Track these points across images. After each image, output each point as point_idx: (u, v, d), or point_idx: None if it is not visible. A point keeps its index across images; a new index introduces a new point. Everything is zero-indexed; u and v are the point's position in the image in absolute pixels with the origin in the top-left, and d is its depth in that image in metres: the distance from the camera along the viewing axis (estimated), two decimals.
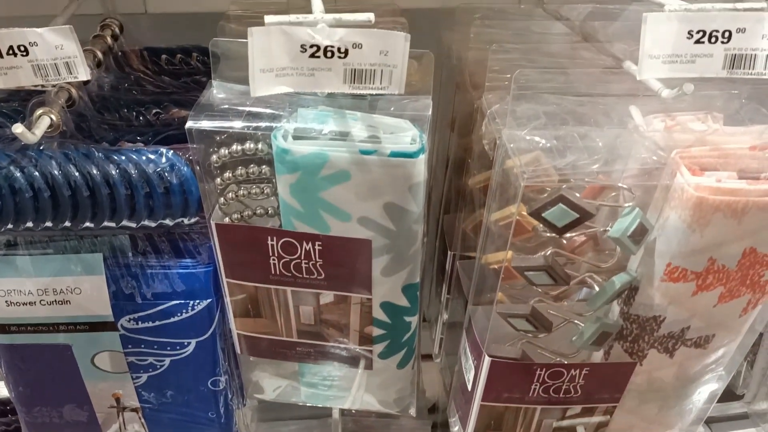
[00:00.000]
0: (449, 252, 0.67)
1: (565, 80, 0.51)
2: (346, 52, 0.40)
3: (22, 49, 0.45)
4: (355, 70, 0.41)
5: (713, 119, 0.54)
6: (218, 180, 0.50)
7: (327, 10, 0.67)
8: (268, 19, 0.39)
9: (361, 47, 0.40)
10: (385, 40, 0.40)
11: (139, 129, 0.58)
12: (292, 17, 0.39)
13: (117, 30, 0.66)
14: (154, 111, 0.60)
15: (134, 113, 0.60)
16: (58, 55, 0.45)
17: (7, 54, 0.45)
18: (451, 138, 0.72)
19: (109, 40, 0.64)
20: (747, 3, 0.40)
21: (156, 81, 0.67)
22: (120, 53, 0.68)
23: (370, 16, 0.39)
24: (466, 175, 0.65)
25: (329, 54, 0.40)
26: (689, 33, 0.41)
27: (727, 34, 0.41)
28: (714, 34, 0.41)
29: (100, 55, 0.61)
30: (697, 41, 0.41)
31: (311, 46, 0.40)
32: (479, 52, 0.62)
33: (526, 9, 0.68)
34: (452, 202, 0.70)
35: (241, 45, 0.44)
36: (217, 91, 0.50)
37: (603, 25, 0.61)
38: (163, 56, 0.69)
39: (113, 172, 0.52)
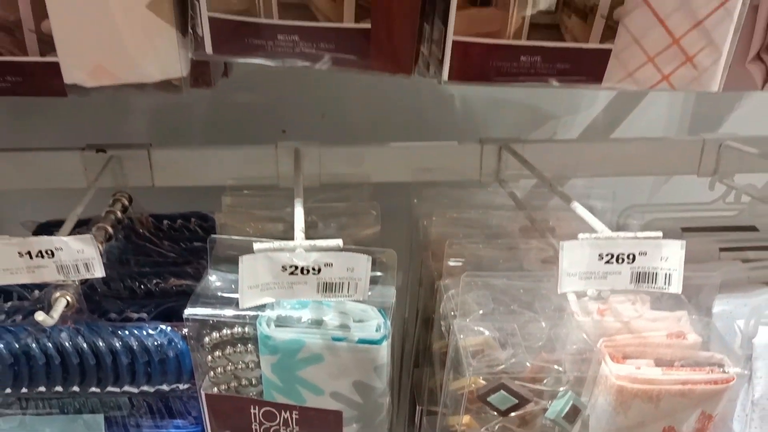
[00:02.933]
0: (418, 406, 0.73)
1: (513, 270, 0.60)
2: (319, 269, 0.49)
3: (50, 252, 0.53)
4: (326, 283, 0.49)
5: (641, 301, 0.62)
6: (209, 357, 0.58)
7: (310, 188, 0.77)
8: (256, 246, 0.48)
9: (332, 266, 0.49)
10: (350, 260, 0.49)
11: (142, 301, 0.66)
12: (276, 244, 0.48)
13: (126, 202, 0.76)
14: (154, 281, 0.68)
15: (137, 283, 0.68)
16: (79, 257, 0.54)
17: (36, 256, 0.53)
18: (420, 292, 0.81)
19: (119, 213, 0.73)
20: (646, 233, 0.50)
21: (159, 246, 0.76)
22: (128, 219, 0.77)
23: (339, 243, 0.48)
24: (431, 333, 0.73)
25: (305, 272, 0.49)
26: (600, 255, 0.50)
27: (631, 257, 0.50)
28: (621, 256, 0.50)
29: (110, 230, 0.70)
30: (607, 262, 0.50)
31: (290, 266, 0.48)
32: (441, 228, 0.71)
33: (485, 185, 0.78)
34: (421, 355, 0.78)
35: (233, 241, 0.54)
36: (213, 280, 0.59)
37: (553, 209, 0.71)
38: (165, 221, 0.79)
39: (117, 345, 0.60)
